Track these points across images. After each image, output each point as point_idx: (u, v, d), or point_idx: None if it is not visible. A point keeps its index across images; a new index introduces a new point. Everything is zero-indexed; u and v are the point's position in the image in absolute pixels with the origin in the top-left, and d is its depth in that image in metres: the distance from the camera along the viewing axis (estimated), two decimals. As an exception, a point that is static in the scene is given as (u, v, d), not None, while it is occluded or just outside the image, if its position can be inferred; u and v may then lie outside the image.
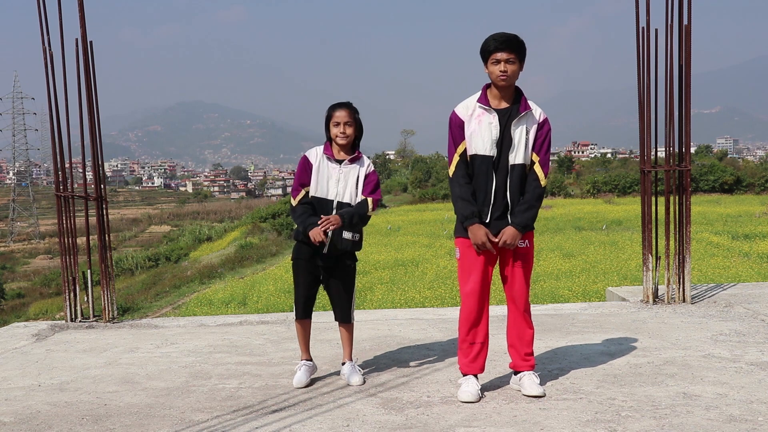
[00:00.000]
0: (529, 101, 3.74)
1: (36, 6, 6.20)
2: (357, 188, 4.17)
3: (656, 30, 6.11)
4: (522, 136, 3.68)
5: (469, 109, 3.75)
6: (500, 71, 3.61)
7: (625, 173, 59.03)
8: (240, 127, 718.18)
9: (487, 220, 3.72)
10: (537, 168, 3.74)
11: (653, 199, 6.31)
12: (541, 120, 3.75)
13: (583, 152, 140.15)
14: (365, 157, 4.25)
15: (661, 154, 6.41)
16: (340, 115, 4.12)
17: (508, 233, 3.67)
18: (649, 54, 6.12)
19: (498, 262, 3.85)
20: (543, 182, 3.75)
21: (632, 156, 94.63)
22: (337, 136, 4.12)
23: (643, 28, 6.12)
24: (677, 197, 6.23)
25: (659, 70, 6.10)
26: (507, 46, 3.61)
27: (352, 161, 4.18)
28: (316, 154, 4.20)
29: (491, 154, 3.68)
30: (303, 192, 4.18)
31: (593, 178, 59.71)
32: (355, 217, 4.09)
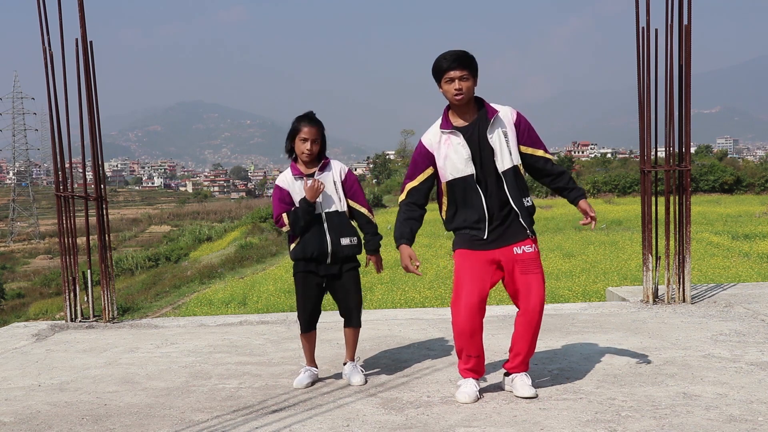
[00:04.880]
0: (492, 105, 3.71)
1: (36, 6, 6.20)
2: (337, 193, 4.16)
3: (656, 30, 6.11)
4: (501, 140, 3.65)
5: (435, 137, 3.73)
6: (455, 89, 3.59)
7: (625, 173, 59.01)
8: (240, 127, 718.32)
9: (485, 237, 3.65)
10: (543, 155, 3.74)
11: (653, 199, 6.31)
12: (514, 117, 3.71)
13: (583, 152, 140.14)
14: (332, 161, 4.22)
15: (661, 154, 6.41)
16: (310, 131, 4.06)
17: (588, 206, 3.63)
18: (649, 54, 6.12)
19: (504, 276, 3.74)
20: (554, 159, 3.77)
21: (632, 156, 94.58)
22: (303, 153, 4.08)
23: (643, 28, 6.12)
24: (677, 197, 6.23)
25: (659, 70, 6.11)
26: (459, 63, 3.58)
27: (321, 169, 4.16)
28: (286, 180, 4.17)
29: (471, 172, 3.65)
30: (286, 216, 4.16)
31: (593, 178, 59.69)
32: (378, 240, 4.35)
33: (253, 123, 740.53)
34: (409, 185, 3.80)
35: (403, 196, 3.83)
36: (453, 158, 3.67)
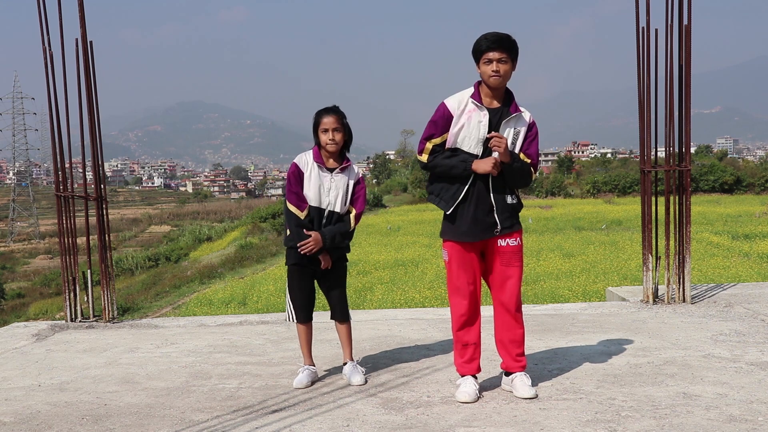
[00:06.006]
0: (519, 105, 3.73)
1: (36, 6, 6.20)
2: (347, 197, 4.18)
3: (656, 30, 6.11)
4: (511, 137, 3.68)
5: (461, 103, 3.69)
6: (492, 71, 3.58)
7: (625, 173, 59.06)
8: (240, 127, 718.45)
9: (448, 212, 3.71)
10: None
11: (653, 199, 6.31)
12: (530, 122, 3.74)
13: (583, 152, 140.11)
14: (354, 166, 4.24)
15: (661, 154, 6.41)
16: (328, 121, 4.09)
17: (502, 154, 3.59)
18: (649, 54, 6.12)
19: (486, 263, 3.80)
20: (534, 174, 3.75)
21: (632, 156, 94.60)
22: (327, 144, 4.10)
23: (643, 28, 6.12)
24: (677, 197, 6.23)
25: (659, 70, 6.11)
26: (499, 45, 3.58)
27: (342, 170, 4.17)
28: (306, 162, 4.17)
29: (476, 153, 3.67)
30: (308, 209, 4.14)
31: (593, 178, 59.73)
32: (337, 236, 4.13)
33: (253, 123, 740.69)
34: (432, 141, 3.71)
35: (425, 156, 3.73)
36: (469, 131, 3.66)
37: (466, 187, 3.68)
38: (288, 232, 4.23)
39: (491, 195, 3.69)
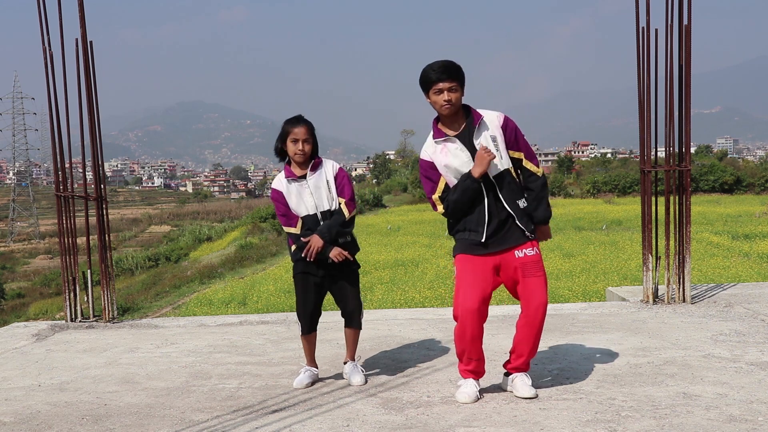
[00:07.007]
0: (478, 110, 3.72)
1: (36, 6, 6.20)
2: (330, 192, 4.15)
3: (656, 30, 6.11)
4: (489, 144, 3.65)
5: (430, 149, 3.74)
6: (444, 100, 3.59)
7: (625, 173, 59.05)
8: (240, 127, 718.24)
9: (483, 240, 3.66)
10: (526, 163, 3.72)
11: (653, 199, 6.31)
12: (501, 121, 3.71)
13: (583, 152, 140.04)
14: (325, 160, 4.22)
15: (661, 154, 6.41)
16: (299, 131, 4.07)
17: (543, 233, 3.77)
18: (649, 54, 6.12)
19: (504, 280, 3.74)
20: (538, 172, 3.74)
21: (632, 156, 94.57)
22: (295, 154, 4.09)
23: (643, 28, 6.13)
24: (677, 197, 6.23)
25: (659, 70, 6.11)
26: (448, 74, 3.58)
27: (313, 169, 4.15)
28: (281, 183, 4.17)
29: None
30: (300, 221, 4.14)
31: (593, 178, 59.72)
32: (333, 229, 4.08)
33: (253, 123, 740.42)
34: (436, 195, 3.76)
35: (440, 208, 3.77)
36: (453, 164, 3.67)
37: (486, 204, 3.65)
38: (293, 248, 4.22)
39: (505, 205, 3.66)
